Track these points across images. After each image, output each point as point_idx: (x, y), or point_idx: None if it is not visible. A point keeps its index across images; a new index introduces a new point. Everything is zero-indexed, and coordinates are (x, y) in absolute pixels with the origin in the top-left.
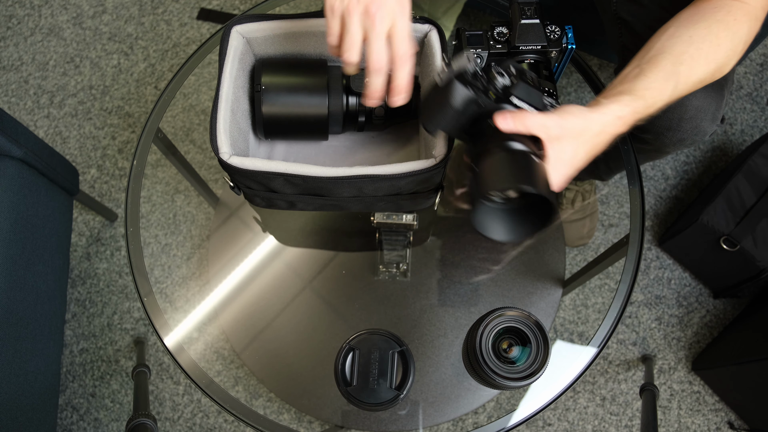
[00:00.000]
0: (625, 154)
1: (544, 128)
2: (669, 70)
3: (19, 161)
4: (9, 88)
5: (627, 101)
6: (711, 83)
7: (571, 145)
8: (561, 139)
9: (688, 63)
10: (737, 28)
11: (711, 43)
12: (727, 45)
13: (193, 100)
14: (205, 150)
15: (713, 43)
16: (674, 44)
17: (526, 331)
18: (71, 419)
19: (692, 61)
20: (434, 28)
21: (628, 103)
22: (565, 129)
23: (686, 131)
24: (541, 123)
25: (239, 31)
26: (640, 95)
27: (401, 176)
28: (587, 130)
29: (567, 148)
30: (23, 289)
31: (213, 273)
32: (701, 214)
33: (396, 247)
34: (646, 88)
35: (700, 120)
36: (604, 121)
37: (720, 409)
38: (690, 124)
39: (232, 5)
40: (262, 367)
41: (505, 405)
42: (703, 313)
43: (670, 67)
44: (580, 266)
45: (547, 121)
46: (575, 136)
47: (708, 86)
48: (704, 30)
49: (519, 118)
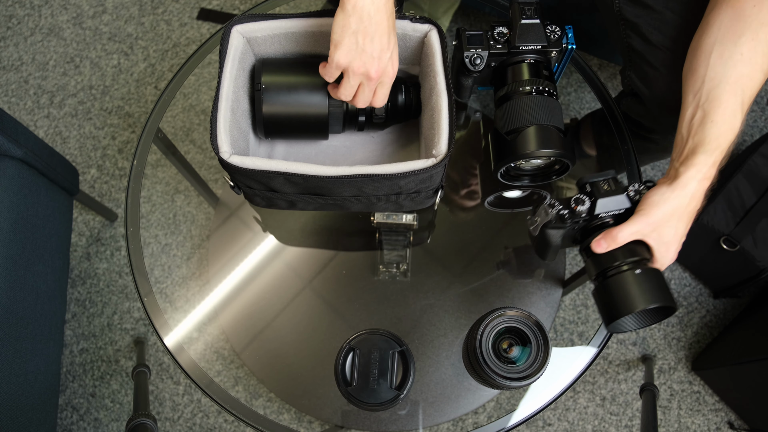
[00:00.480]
0: (625, 154)
1: (637, 234)
2: (733, 105)
3: (19, 161)
4: (9, 88)
5: (704, 160)
6: None
7: (670, 228)
8: (659, 230)
9: (748, 85)
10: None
11: (763, 53)
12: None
13: (193, 100)
14: (205, 150)
15: (765, 51)
16: (728, 69)
17: (526, 331)
18: (71, 419)
19: (751, 81)
20: (434, 27)
21: (705, 162)
22: (657, 221)
23: None
24: (631, 231)
25: (239, 30)
26: (715, 146)
27: (402, 176)
28: (678, 208)
29: (667, 232)
30: (23, 289)
31: (213, 273)
32: (701, 214)
33: (396, 247)
34: (717, 136)
35: None
36: (691, 192)
37: (720, 409)
38: None
39: (232, 5)
40: (262, 367)
41: (505, 405)
42: (703, 313)
43: (733, 99)
44: (580, 266)
45: (635, 227)
46: (669, 220)
47: None
48: (752, 41)
49: (610, 238)
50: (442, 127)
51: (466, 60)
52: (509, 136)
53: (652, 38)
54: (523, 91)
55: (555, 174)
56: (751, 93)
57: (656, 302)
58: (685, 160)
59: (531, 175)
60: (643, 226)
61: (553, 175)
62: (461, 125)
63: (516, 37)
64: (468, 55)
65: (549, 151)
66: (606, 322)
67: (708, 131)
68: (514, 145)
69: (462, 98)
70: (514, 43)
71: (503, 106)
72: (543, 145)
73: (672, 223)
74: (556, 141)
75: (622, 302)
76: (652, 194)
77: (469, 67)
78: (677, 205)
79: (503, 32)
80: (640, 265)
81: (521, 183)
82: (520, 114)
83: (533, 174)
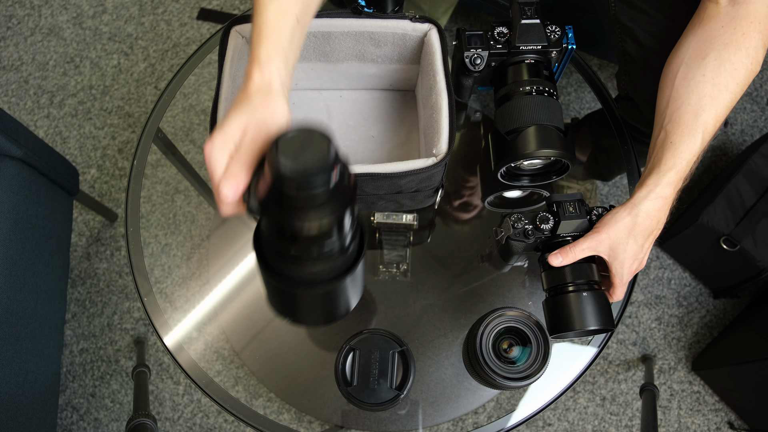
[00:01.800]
0: (625, 154)
1: (593, 250)
2: (692, 126)
3: (19, 161)
4: (9, 88)
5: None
6: None
7: (622, 245)
8: (612, 247)
9: (710, 105)
10: (748, 43)
11: (726, 72)
12: (744, 64)
13: (193, 100)
14: None
15: (729, 71)
16: (690, 91)
17: (526, 331)
18: (71, 419)
19: (713, 101)
20: (434, 27)
21: (656, 182)
22: (612, 237)
23: None
24: (587, 247)
25: (239, 31)
26: (669, 166)
27: (402, 175)
28: (630, 226)
29: (620, 250)
30: (23, 289)
31: (213, 273)
32: (701, 214)
33: (396, 247)
34: (673, 156)
35: None
36: (644, 211)
37: (720, 409)
38: None
39: (232, 5)
40: (262, 367)
41: (505, 405)
42: (703, 313)
43: (693, 120)
44: None
45: (588, 243)
46: (626, 236)
47: None
48: (715, 62)
49: (568, 253)
50: (442, 126)
51: (467, 60)
52: (509, 136)
53: (645, 43)
54: (523, 91)
55: (555, 174)
56: (715, 113)
57: (592, 326)
58: (641, 180)
59: (531, 175)
60: (595, 243)
61: (553, 174)
62: (461, 125)
63: (516, 37)
64: (468, 54)
65: (549, 151)
66: (549, 332)
67: (665, 152)
68: (514, 145)
69: (462, 98)
70: (514, 43)
71: (503, 106)
72: (543, 145)
73: (624, 241)
74: (556, 141)
75: (564, 320)
76: (608, 214)
77: (470, 67)
78: (628, 224)
79: (503, 32)
80: (587, 287)
81: (521, 183)
82: (520, 114)
83: (533, 174)
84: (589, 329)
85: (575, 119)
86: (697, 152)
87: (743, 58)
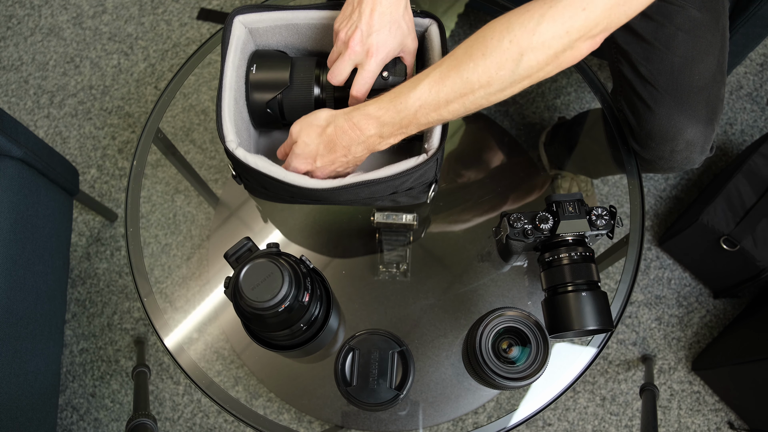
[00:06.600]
0: (625, 154)
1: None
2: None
3: (19, 161)
4: (9, 88)
5: (365, 105)
6: (703, 117)
7: (304, 137)
8: (299, 133)
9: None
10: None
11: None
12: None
13: (193, 100)
14: (205, 150)
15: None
16: (473, 42)
17: (526, 331)
18: (71, 419)
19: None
20: (435, 22)
21: (366, 107)
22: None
23: (677, 161)
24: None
25: (241, 20)
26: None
27: (396, 177)
28: (313, 122)
29: (302, 140)
30: (23, 289)
31: (213, 273)
32: (701, 214)
33: (396, 247)
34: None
35: (690, 152)
36: (331, 115)
37: (720, 409)
38: (681, 156)
39: (232, 5)
40: (262, 367)
41: (505, 405)
42: (703, 313)
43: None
44: None
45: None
46: (306, 127)
47: (699, 120)
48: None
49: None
50: None
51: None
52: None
53: (641, 70)
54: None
55: None
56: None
57: (591, 325)
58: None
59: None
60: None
61: None
62: (459, 122)
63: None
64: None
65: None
66: (549, 331)
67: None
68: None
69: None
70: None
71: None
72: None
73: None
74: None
75: (563, 319)
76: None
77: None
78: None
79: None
80: (586, 287)
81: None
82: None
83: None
84: (588, 329)
85: (562, 118)
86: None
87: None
